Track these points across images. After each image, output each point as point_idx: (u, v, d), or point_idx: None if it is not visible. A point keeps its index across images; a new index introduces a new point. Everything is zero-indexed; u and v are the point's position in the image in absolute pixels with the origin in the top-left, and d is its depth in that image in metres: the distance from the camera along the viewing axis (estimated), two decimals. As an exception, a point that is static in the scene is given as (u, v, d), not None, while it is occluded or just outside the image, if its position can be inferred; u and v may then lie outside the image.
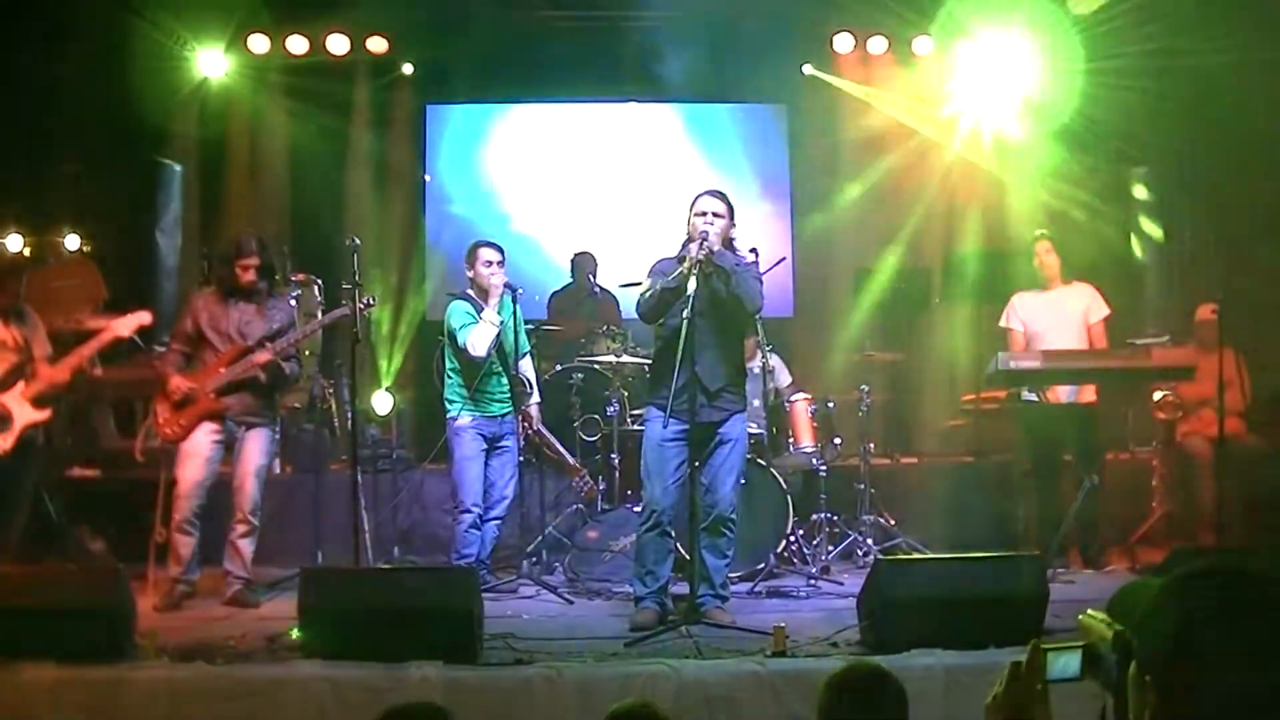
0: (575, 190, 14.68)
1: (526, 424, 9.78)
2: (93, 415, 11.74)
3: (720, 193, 8.27)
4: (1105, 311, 10.12)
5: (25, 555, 9.00)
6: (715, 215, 8.04)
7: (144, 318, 9.15)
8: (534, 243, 14.37)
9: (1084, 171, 13.41)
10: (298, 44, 13.81)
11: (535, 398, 9.91)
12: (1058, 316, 10.04)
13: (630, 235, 13.67)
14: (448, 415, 9.47)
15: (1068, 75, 13.44)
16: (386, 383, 12.55)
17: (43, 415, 8.87)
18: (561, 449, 10.14)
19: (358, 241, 8.62)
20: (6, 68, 12.07)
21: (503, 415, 9.45)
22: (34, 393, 8.77)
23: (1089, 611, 2.99)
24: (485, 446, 9.37)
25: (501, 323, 9.31)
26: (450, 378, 9.46)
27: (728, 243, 8.14)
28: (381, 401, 11.60)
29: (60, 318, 10.82)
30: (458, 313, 9.39)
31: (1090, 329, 10.04)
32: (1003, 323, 10.33)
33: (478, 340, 9.19)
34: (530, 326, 10.24)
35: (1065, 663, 2.90)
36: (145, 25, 13.08)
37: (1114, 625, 2.84)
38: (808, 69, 14.35)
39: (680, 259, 8.01)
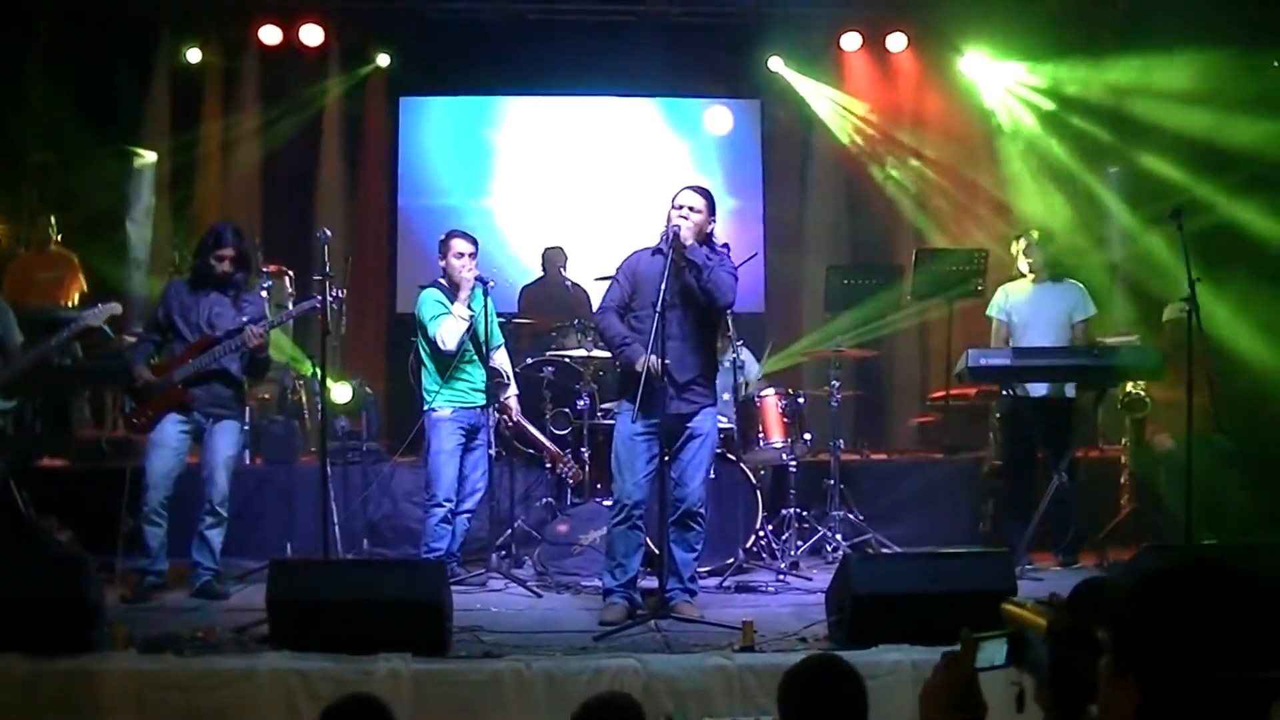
0: (547, 183, 14.70)
1: (506, 416, 9.78)
2: (68, 405, 11.72)
3: (701, 188, 8.29)
4: (1091, 311, 10.13)
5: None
6: (692, 210, 8.05)
7: (115, 308, 9.11)
8: (505, 235, 14.37)
9: (1055, 170, 13.48)
10: (271, 34, 13.79)
11: (513, 389, 9.92)
12: (1041, 311, 10.05)
13: (602, 229, 13.71)
14: (426, 406, 9.44)
15: (1040, 75, 13.54)
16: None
17: (10, 404, 8.82)
18: (542, 438, 10.14)
19: (328, 233, 8.60)
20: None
21: (481, 407, 9.44)
22: (2, 381, 8.73)
23: (1013, 599, 3.04)
24: (463, 439, 9.36)
25: (472, 316, 9.29)
26: (426, 368, 9.45)
27: (706, 238, 8.15)
28: (341, 391, 11.55)
29: (45, 306, 10.83)
30: (428, 302, 9.38)
31: (1074, 327, 10.05)
32: (989, 312, 10.35)
33: (447, 334, 9.19)
34: (501, 320, 10.22)
35: (992, 652, 2.95)
36: (119, 15, 13.06)
37: (1048, 615, 2.88)
38: (774, 64, 14.36)
39: (655, 251, 8.03)
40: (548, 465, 10.23)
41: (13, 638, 6.59)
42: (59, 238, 12.25)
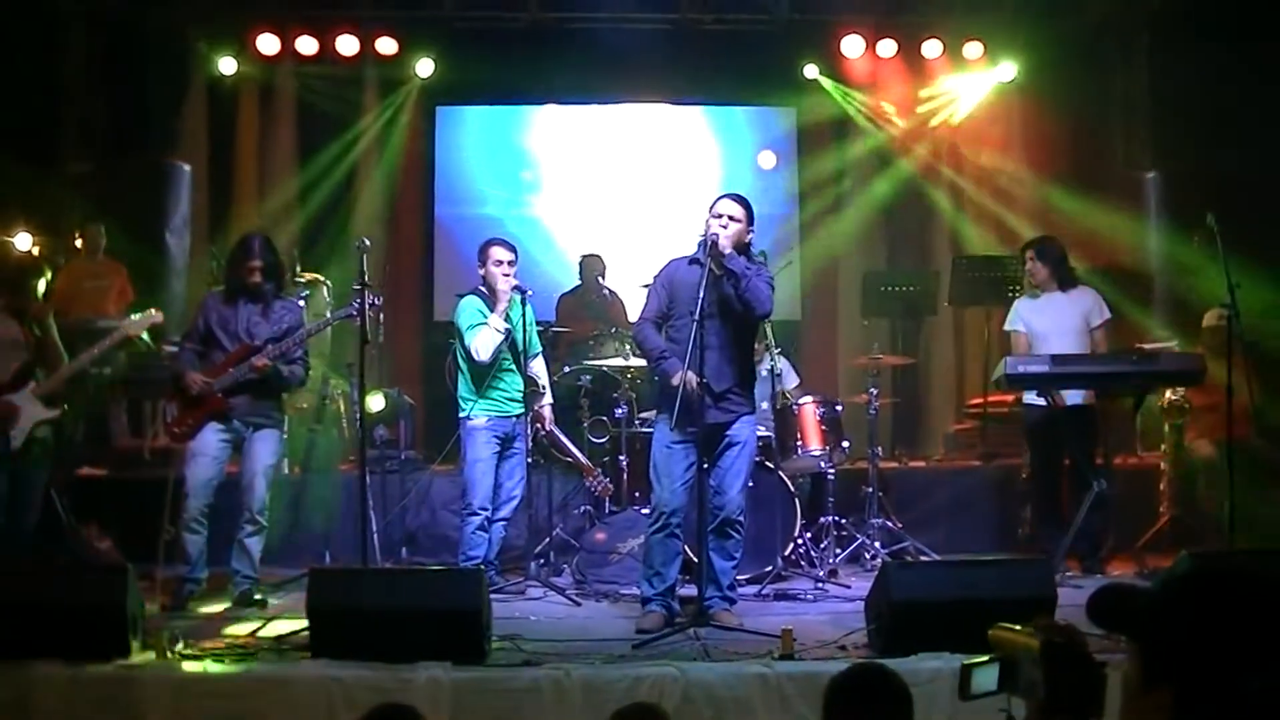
0: (583, 191, 14.70)
1: (539, 425, 9.78)
2: (107, 414, 11.77)
3: (740, 196, 8.23)
4: (1107, 315, 10.07)
5: (34, 553, 9.02)
6: (731, 219, 8.01)
7: (156, 317, 9.13)
8: (543, 243, 14.39)
9: (1093, 176, 13.43)
10: (307, 44, 13.82)
11: (548, 398, 9.91)
12: (1058, 320, 9.99)
13: (638, 236, 13.71)
14: (461, 415, 9.47)
15: (1075, 79, 13.50)
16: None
17: (53, 414, 8.85)
18: (574, 449, 10.14)
19: (367, 243, 8.61)
20: (15, 66, 12.08)
21: (517, 415, 9.45)
22: (46, 390, 8.77)
23: (1000, 625, 3.02)
24: (499, 447, 9.37)
25: (510, 326, 9.30)
26: (463, 375, 9.46)
27: (744, 247, 8.12)
28: (374, 400, 11.53)
29: (85, 316, 10.87)
30: (468, 310, 9.40)
31: (1092, 333, 10.00)
32: (1007, 326, 10.32)
33: (482, 345, 9.20)
34: (539, 328, 10.22)
35: (983, 678, 2.94)
36: (155, 25, 13.10)
37: (1038, 635, 2.87)
38: (809, 71, 14.33)
39: (693, 260, 8.03)
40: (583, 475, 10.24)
41: (53, 644, 6.64)
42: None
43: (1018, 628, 2.96)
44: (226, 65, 13.77)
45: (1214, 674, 2.23)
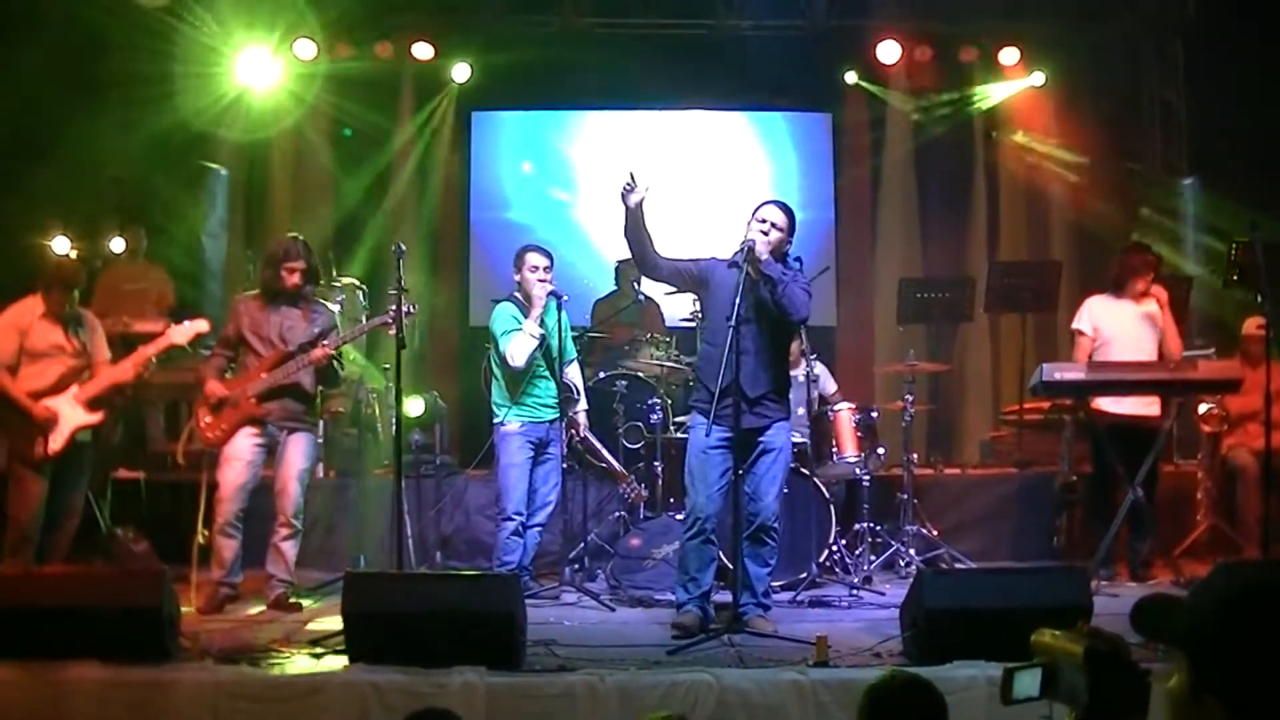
0: (618, 197, 14.68)
1: (574, 431, 9.78)
2: (145, 417, 11.82)
3: (784, 204, 8.24)
4: (1172, 330, 9.97)
5: (70, 556, 9.06)
6: (774, 225, 8.02)
7: (201, 326, 9.12)
8: (581, 248, 14.38)
9: (1130, 183, 13.40)
10: (341, 51, 13.84)
11: (582, 404, 9.91)
12: (1131, 324, 9.87)
13: (676, 241, 13.68)
14: (495, 420, 9.46)
15: (1112, 84, 13.47)
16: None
17: (95, 418, 8.89)
18: (609, 456, 10.14)
19: (403, 248, 8.62)
20: (54, 72, 12.13)
21: (551, 421, 9.45)
22: (90, 395, 8.80)
23: (1042, 630, 3.00)
24: (532, 453, 9.36)
25: (544, 332, 9.29)
26: (497, 381, 9.46)
27: (782, 255, 8.11)
28: (414, 404, 11.54)
29: (123, 320, 10.90)
30: (502, 317, 9.39)
31: (1158, 343, 9.88)
32: (1075, 324, 10.15)
33: (516, 350, 9.19)
34: (575, 334, 10.22)
35: (1026, 683, 2.92)
36: (192, 31, 13.14)
37: (1081, 641, 2.85)
38: (850, 77, 14.32)
39: (730, 263, 8.02)
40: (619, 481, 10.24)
41: (90, 646, 6.66)
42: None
43: (1060, 633, 2.95)
44: (262, 71, 13.81)
45: (1263, 685, 2.20)
